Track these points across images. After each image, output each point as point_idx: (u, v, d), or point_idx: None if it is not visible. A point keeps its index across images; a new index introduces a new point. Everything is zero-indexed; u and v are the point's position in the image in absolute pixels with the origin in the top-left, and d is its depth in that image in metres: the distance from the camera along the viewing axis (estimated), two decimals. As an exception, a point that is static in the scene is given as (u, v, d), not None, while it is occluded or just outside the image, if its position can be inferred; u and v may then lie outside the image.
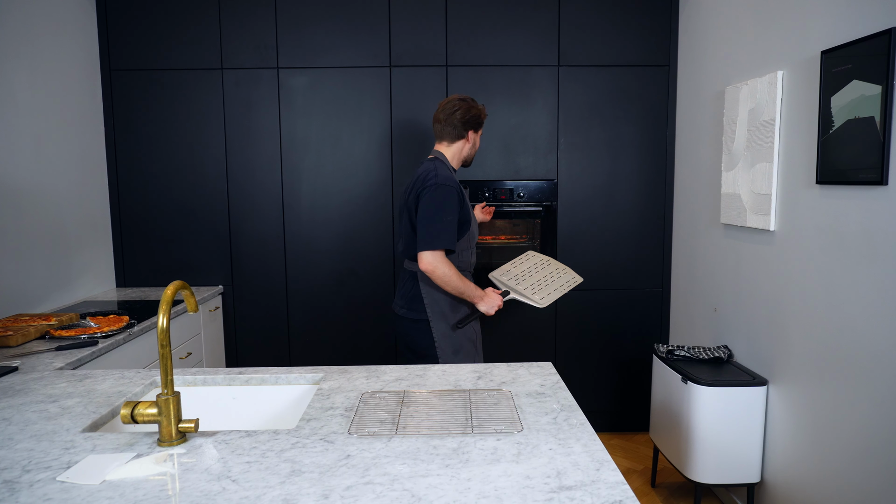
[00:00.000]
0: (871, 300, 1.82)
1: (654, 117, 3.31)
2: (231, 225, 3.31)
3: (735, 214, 2.58)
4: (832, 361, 2.01)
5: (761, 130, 2.38)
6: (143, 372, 1.73)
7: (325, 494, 1.03)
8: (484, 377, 1.66)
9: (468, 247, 2.27)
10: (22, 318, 2.33)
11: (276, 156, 3.28)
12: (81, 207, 3.03)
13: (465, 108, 2.22)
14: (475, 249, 2.35)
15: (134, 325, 2.33)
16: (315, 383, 1.68)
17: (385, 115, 3.27)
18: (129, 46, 3.21)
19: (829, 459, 2.02)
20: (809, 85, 2.11)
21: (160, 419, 1.22)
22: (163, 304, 1.24)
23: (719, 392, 2.36)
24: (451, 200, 2.08)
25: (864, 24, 1.84)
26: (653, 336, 3.44)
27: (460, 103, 2.22)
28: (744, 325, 2.58)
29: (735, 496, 2.61)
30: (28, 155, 2.65)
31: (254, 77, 3.24)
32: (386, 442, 1.23)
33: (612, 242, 3.37)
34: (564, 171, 3.32)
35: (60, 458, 1.18)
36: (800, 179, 2.17)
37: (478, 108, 2.25)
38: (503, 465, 1.13)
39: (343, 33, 3.22)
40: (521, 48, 3.25)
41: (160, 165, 3.27)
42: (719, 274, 2.81)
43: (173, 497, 1.03)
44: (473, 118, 2.23)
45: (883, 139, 1.75)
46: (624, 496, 1.02)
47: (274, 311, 3.36)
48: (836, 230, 1.98)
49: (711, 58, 2.88)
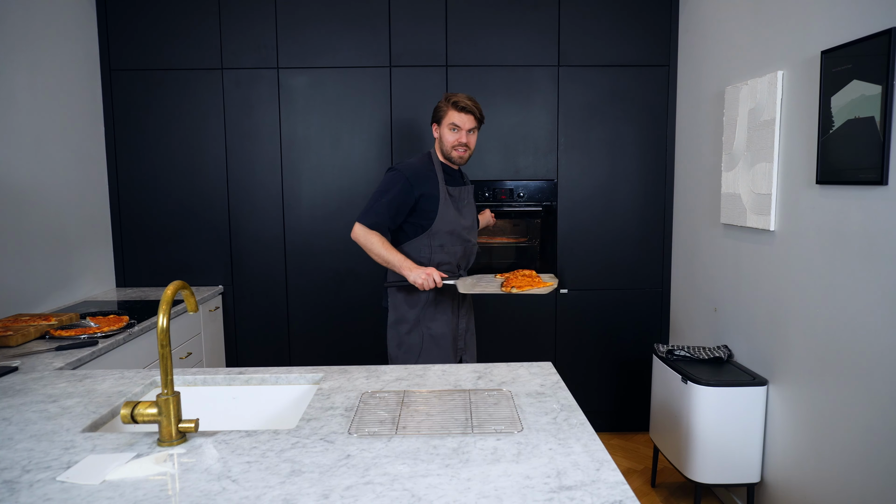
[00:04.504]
0: (871, 300, 1.82)
1: (654, 117, 3.31)
2: (231, 225, 3.31)
3: (735, 214, 2.58)
4: (832, 361, 2.01)
5: (761, 130, 2.38)
6: (143, 372, 1.73)
7: (325, 494, 1.03)
8: (484, 377, 1.66)
9: (448, 242, 2.25)
10: (22, 318, 2.33)
11: (276, 156, 3.28)
12: (81, 207, 3.03)
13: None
14: (470, 248, 2.34)
15: (134, 325, 2.33)
16: (315, 383, 1.68)
17: (385, 115, 3.26)
18: (129, 46, 3.20)
19: (829, 459, 2.02)
20: (809, 85, 2.10)
21: (160, 419, 1.22)
22: (163, 304, 1.24)
23: (719, 392, 2.36)
24: (395, 184, 2.18)
25: (864, 24, 1.84)
26: (653, 336, 3.43)
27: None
28: (744, 325, 2.58)
29: (735, 496, 2.61)
30: (28, 155, 2.65)
31: (254, 77, 3.24)
32: (386, 442, 1.23)
33: (612, 242, 3.37)
34: (564, 171, 3.32)
35: (60, 458, 1.18)
36: (800, 179, 2.17)
37: (440, 102, 2.26)
38: (503, 465, 1.13)
39: (343, 33, 3.22)
40: (521, 48, 3.25)
41: (160, 165, 3.27)
42: (719, 274, 2.81)
43: (173, 497, 1.03)
44: (434, 112, 2.28)
45: (883, 139, 1.75)
46: (624, 496, 1.02)
47: (274, 311, 3.36)
48: (836, 230, 1.98)
49: (711, 58, 2.88)
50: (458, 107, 2.18)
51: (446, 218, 2.23)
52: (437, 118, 2.26)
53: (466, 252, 2.34)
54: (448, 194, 2.24)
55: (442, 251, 2.25)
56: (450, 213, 2.24)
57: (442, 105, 2.24)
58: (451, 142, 2.22)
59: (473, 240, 2.36)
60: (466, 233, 2.30)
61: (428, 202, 2.21)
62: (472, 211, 2.37)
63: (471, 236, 2.34)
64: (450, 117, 2.20)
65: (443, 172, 2.27)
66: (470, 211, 2.35)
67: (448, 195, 2.24)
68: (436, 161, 2.29)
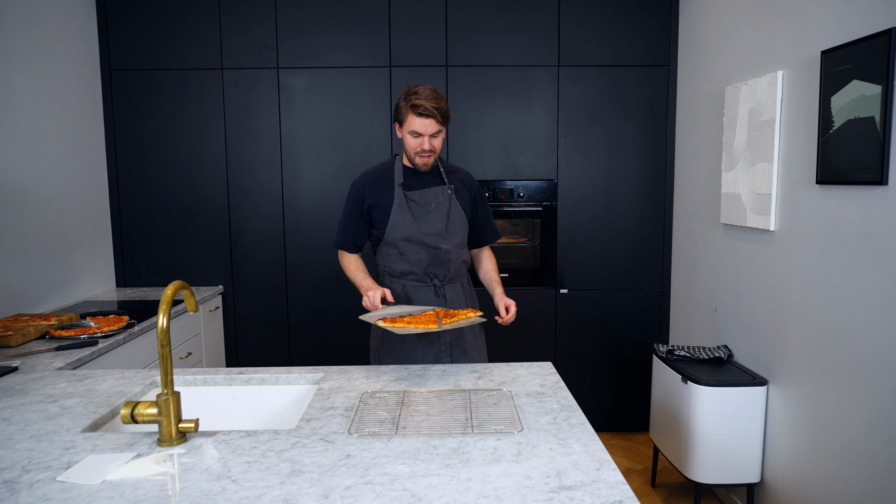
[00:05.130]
0: (871, 300, 1.82)
1: (654, 117, 3.31)
2: (231, 225, 3.31)
3: (735, 214, 2.58)
4: (832, 361, 2.01)
5: (761, 130, 2.38)
6: (143, 372, 1.73)
7: (325, 494, 1.03)
8: (484, 377, 1.66)
9: (408, 250, 2.05)
10: (22, 318, 2.33)
11: (276, 156, 3.28)
12: (81, 207, 3.03)
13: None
14: (442, 254, 2.06)
15: (134, 325, 2.33)
16: (315, 383, 1.68)
17: (385, 115, 3.26)
18: (129, 46, 3.20)
19: (829, 459, 2.02)
20: (809, 85, 2.10)
21: (160, 419, 1.22)
22: (163, 304, 1.24)
23: (719, 392, 2.36)
24: (349, 197, 2.10)
25: (864, 24, 1.84)
26: (653, 336, 3.43)
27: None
28: (744, 325, 2.58)
29: (735, 496, 2.61)
30: (28, 155, 2.65)
31: (254, 77, 3.24)
32: (386, 442, 1.23)
33: (612, 242, 3.37)
34: (564, 171, 3.32)
35: (60, 458, 1.18)
36: (800, 179, 2.17)
37: (400, 100, 1.97)
38: (503, 465, 1.13)
39: (343, 33, 3.22)
40: (521, 48, 3.25)
41: (160, 165, 3.27)
42: (719, 274, 2.81)
43: (173, 497, 1.03)
44: (395, 111, 2.01)
45: (883, 139, 1.75)
46: (624, 496, 1.02)
47: (274, 311, 3.36)
48: (836, 230, 1.98)
49: (711, 58, 2.88)
50: (417, 111, 1.91)
51: (399, 225, 2.04)
52: (398, 118, 1.99)
53: (437, 259, 2.07)
54: (405, 199, 2.05)
55: (402, 259, 2.07)
56: (404, 219, 2.04)
57: (402, 105, 1.95)
58: (412, 147, 1.98)
59: (446, 245, 2.07)
60: (433, 239, 2.05)
61: (379, 211, 2.06)
62: (441, 214, 2.08)
63: (441, 242, 2.06)
64: (409, 123, 1.94)
65: (403, 176, 2.07)
66: (440, 214, 2.07)
67: (405, 199, 2.04)
68: (398, 164, 2.09)
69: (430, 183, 2.10)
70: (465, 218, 2.12)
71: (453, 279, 2.14)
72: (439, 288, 2.11)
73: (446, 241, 2.07)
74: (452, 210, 2.09)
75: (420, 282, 2.10)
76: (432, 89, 1.96)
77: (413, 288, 2.10)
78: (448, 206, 2.09)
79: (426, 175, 2.10)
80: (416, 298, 2.10)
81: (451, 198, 2.10)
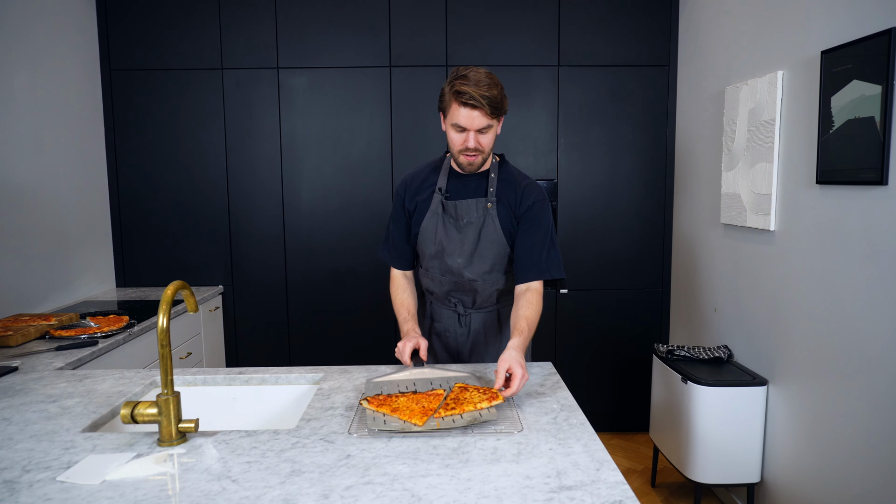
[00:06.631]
0: (871, 300, 1.82)
1: (654, 117, 3.31)
2: (231, 225, 3.31)
3: (735, 214, 2.58)
4: (832, 361, 2.01)
5: (761, 130, 2.38)
6: (143, 372, 1.73)
7: (325, 494, 1.03)
8: (484, 377, 1.65)
9: (432, 267, 1.81)
10: (22, 318, 2.33)
11: (276, 156, 3.28)
12: (81, 207, 3.03)
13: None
14: (465, 283, 1.78)
15: (134, 325, 2.33)
16: (315, 383, 1.68)
17: (385, 115, 3.26)
18: (129, 46, 3.20)
19: (829, 459, 2.02)
20: (809, 85, 2.10)
21: (160, 419, 1.22)
22: (163, 304, 1.23)
23: (719, 392, 2.36)
24: (395, 197, 1.84)
25: (864, 24, 1.84)
26: (653, 336, 3.43)
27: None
28: (744, 325, 2.58)
29: (735, 496, 2.61)
30: (28, 155, 2.65)
31: (254, 77, 3.24)
32: (386, 442, 1.23)
33: (612, 242, 3.37)
34: (564, 171, 3.32)
35: (60, 458, 1.17)
36: (800, 179, 2.17)
37: (445, 85, 1.61)
38: (503, 464, 1.13)
39: (343, 33, 3.22)
40: (521, 48, 3.25)
41: (160, 165, 3.27)
42: (719, 274, 2.81)
43: (173, 497, 1.03)
44: (439, 98, 1.66)
45: (883, 139, 1.75)
46: (624, 496, 1.02)
47: (274, 311, 3.36)
48: (836, 230, 1.98)
49: (711, 58, 2.88)
50: (461, 99, 1.54)
51: (428, 237, 1.74)
52: (441, 107, 1.64)
53: (460, 287, 1.78)
54: (442, 206, 1.73)
55: (426, 275, 1.82)
56: (434, 231, 1.74)
57: (445, 91, 1.60)
58: (456, 144, 1.63)
59: (470, 274, 1.75)
60: (457, 263, 1.74)
61: (416, 215, 1.77)
62: (472, 233, 1.72)
63: (464, 269, 1.74)
64: (453, 114, 1.58)
65: (448, 178, 1.76)
66: (470, 233, 1.72)
67: (441, 209, 1.73)
68: (446, 164, 1.78)
69: (471, 192, 1.74)
70: (505, 241, 1.74)
71: (483, 307, 1.85)
72: (463, 316, 1.85)
73: (472, 267, 1.75)
74: (486, 229, 1.72)
75: (443, 304, 1.86)
76: (486, 72, 1.57)
77: (438, 309, 1.89)
78: (481, 223, 1.72)
79: (472, 181, 1.75)
80: (440, 321, 1.88)
81: (489, 214, 1.72)
